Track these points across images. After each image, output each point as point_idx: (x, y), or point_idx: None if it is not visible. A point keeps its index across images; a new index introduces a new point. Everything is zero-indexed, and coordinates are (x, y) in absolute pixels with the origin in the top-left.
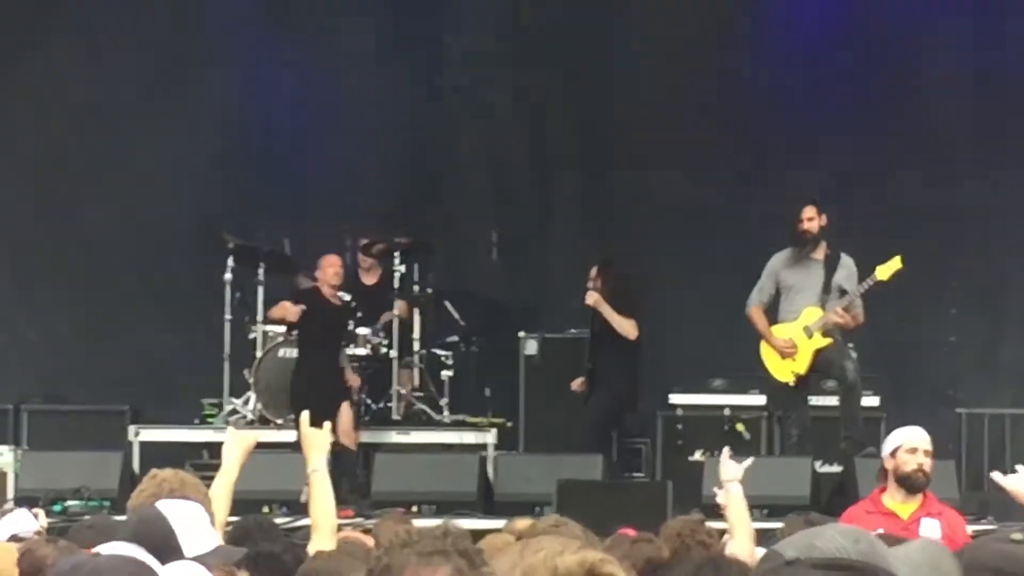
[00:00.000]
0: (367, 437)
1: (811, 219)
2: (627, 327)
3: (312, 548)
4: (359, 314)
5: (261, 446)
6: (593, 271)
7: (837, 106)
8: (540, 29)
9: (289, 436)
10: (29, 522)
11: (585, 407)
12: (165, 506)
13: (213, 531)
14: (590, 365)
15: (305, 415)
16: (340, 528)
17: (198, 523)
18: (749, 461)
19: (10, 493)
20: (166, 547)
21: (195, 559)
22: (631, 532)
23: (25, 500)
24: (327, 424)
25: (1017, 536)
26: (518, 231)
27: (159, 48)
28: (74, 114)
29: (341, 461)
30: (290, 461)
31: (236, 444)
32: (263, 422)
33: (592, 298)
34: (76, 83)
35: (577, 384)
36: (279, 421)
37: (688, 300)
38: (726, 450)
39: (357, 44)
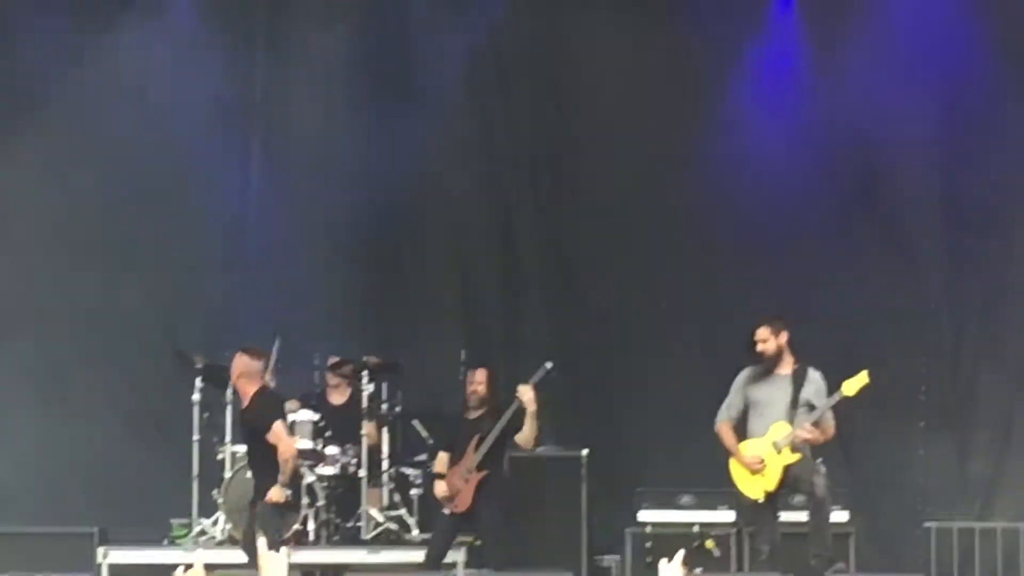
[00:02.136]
0: (337, 557)
1: (764, 340)
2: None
3: None
4: (327, 433)
5: (230, 567)
6: (482, 374)
7: (801, 209)
8: (509, 144)
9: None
10: None
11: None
12: None
13: None
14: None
15: (262, 541)
16: None
17: None
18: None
19: None
20: None
21: None
22: None
23: None
24: (284, 549)
25: None
26: (487, 349)
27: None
28: (36, 226)
29: None
30: None
31: None
32: (232, 542)
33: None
34: (36, 194)
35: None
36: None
37: (656, 417)
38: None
39: (320, 160)
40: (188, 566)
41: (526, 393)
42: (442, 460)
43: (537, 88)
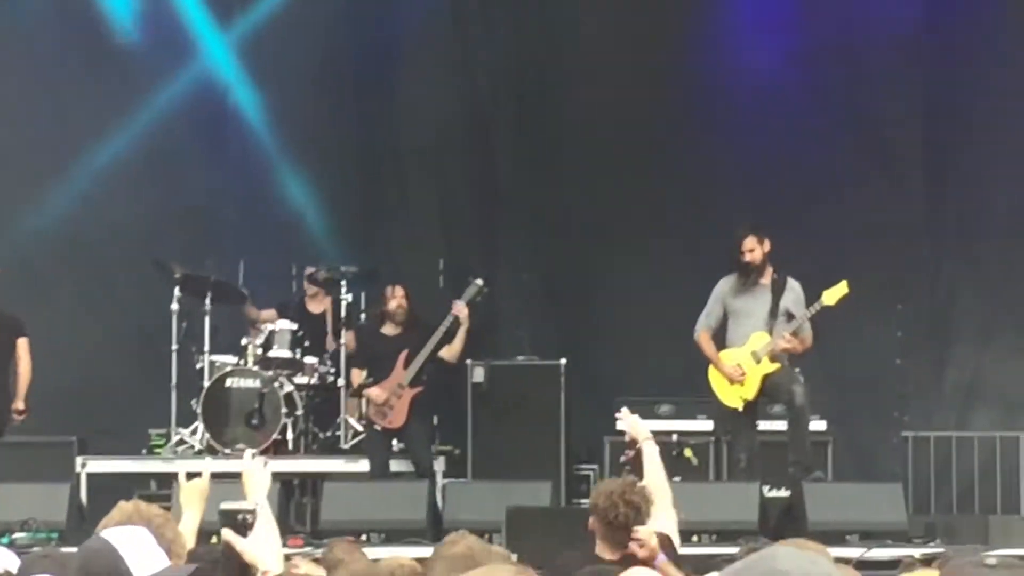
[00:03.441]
0: (316, 466)
1: (752, 250)
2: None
3: None
4: (306, 343)
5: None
6: (401, 290)
7: (783, 124)
8: (489, 55)
9: (238, 465)
10: (10, 559)
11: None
12: (110, 534)
13: (160, 552)
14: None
15: (248, 453)
16: (289, 557)
17: (144, 547)
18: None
19: None
20: (115, 573)
21: None
22: None
23: None
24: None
25: (991, 560)
26: (464, 258)
27: (106, 68)
28: (12, 128)
29: None
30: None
31: (192, 491)
32: (211, 452)
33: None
34: (17, 101)
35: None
36: (227, 451)
37: (635, 325)
38: (625, 410)
39: (302, 69)
40: (196, 475)
41: (462, 310)
42: (356, 375)
43: (518, 4)
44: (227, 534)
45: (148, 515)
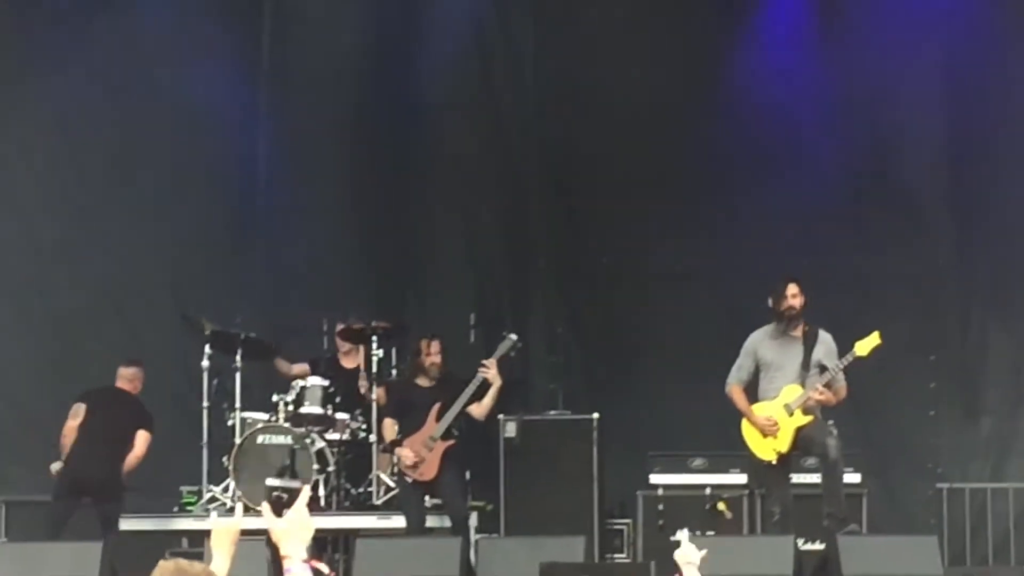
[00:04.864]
0: (348, 523)
1: (795, 296)
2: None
3: None
4: (338, 399)
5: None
6: (437, 345)
7: (810, 174)
8: (517, 105)
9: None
10: None
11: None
12: None
13: None
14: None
15: (307, 489)
16: None
17: None
18: (704, 552)
19: None
20: None
21: None
22: None
23: None
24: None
25: None
26: (496, 312)
27: (133, 119)
28: (43, 190)
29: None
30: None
31: (223, 535)
32: (243, 509)
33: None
34: (44, 154)
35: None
36: (258, 508)
37: (668, 378)
38: (685, 532)
39: (331, 123)
40: (229, 509)
41: (491, 368)
42: (389, 427)
43: (543, 52)
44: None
45: (191, 574)
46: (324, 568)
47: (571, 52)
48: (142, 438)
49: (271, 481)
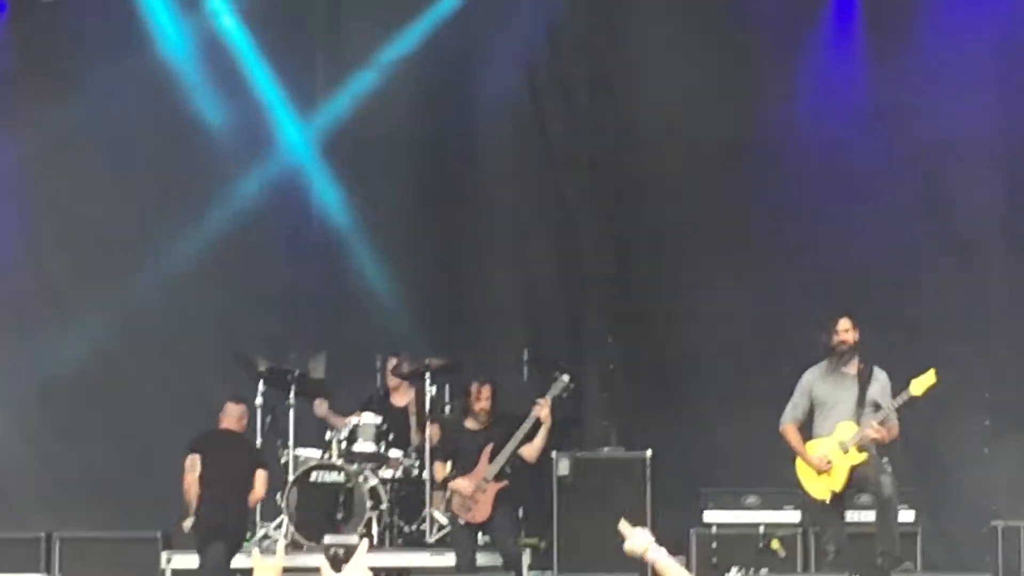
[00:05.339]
0: (401, 560)
1: (846, 331)
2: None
3: None
4: (390, 436)
5: (292, 571)
6: (488, 390)
7: (862, 211)
8: (568, 142)
9: (319, 560)
10: None
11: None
12: None
13: None
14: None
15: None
16: None
17: None
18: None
19: None
20: None
21: None
22: None
23: None
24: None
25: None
26: (549, 349)
27: (187, 161)
28: (94, 223)
29: None
30: None
31: (267, 572)
32: (295, 546)
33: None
34: (94, 193)
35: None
36: (312, 543)
37: (721, 416)
38: (734, 571)
39: (383, 159)
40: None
41: (544, 408)
42: (440, 469)
43: (596, 90)
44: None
45: None
46: None
47: (624, 89)
48: (261, 477)
49: (329, 538)
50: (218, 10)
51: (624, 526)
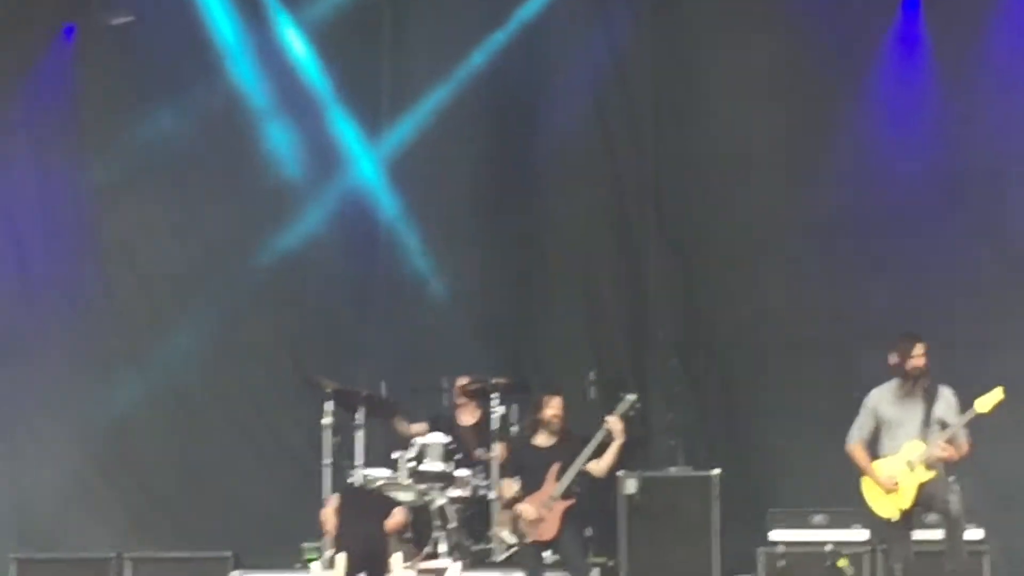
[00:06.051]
0: None
1: (922, 355)
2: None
3: None
4: (458, 456)
5: None
6: (558, 402)
7: (929, 232)
8: (634, 165)
9: None
10: None
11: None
12: None
13: None
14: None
15: (398, 556)
16: None
17: None
18: None
19: None
20: None
21: None
22: None
23: None
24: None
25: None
26: (614, 370)
27: (253, 183)
28: (160, 245)
29: None
30: None
31: None
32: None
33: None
34: (162, 222)
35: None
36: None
37: (788, 434)
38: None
39: (448, 181)
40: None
41: (616, 424)
42: (508, 486)
43: (663, 114)
44: None
45: None
46: None
47: (690, 114)
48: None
49: (423, 565)
50: (287, 34)
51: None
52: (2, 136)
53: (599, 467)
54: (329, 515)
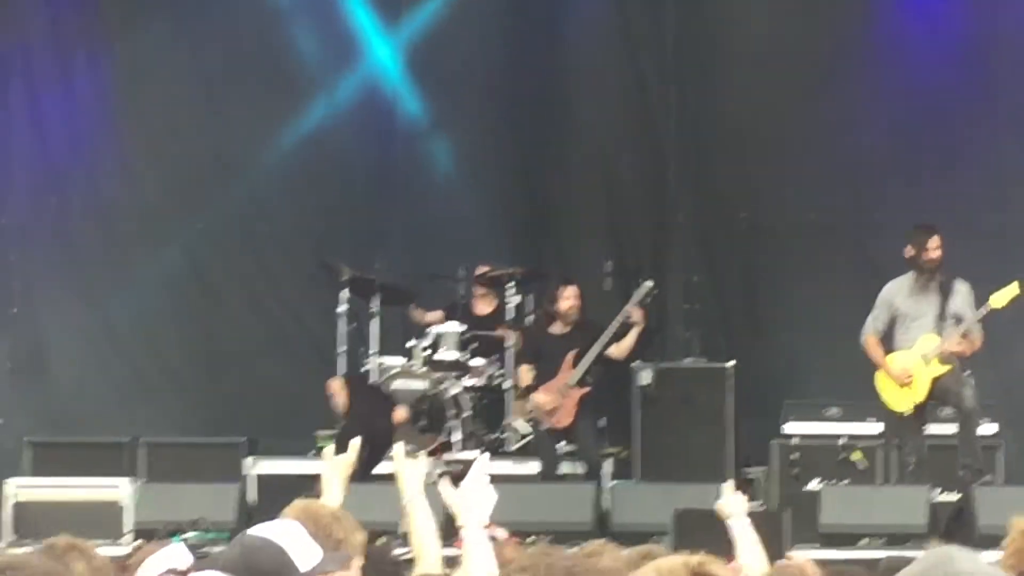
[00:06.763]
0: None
1: (937, 248)
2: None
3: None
4: (474, 345)
5: (374, 477)
6: (574, 290)
7: (951, 126)
8: (655, 56)
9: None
10: (185, 556)
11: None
12: (264, 530)
13: (313, 543)
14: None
15: (399, 445)
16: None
17: (300, 538)
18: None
19: (128, 526)
20: (283, 567)
21: (311, 571)
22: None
23: (143, 532)
24: (422, 454)
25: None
26: (632, 260)
27: (273, 72)
28: (181, 132)
29: None
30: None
31: (334, 470)
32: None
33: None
34: (186, 112)
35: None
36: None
37: (803, 327)
38: (728, 484)
39: (468, 71)
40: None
41: (636, 312)
42: (525, 373)
43: (683, 9)
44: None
45: (316, 514)
46: (502, 533)
47: (712, 7)
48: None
49: (448, 455)
50: None
51: (728, 486)
52: (22, 19)
53: (619, 349)
54: (338, 388)
